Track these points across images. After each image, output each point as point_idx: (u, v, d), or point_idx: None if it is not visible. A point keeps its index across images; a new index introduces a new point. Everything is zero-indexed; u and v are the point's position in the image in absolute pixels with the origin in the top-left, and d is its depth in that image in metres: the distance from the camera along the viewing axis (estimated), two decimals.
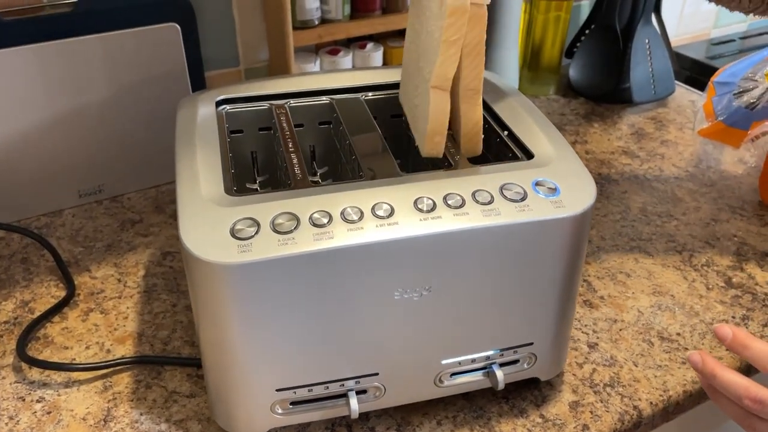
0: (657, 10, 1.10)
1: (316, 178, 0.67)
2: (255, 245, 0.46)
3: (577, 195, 0.51)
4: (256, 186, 0.66)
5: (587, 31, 1.14)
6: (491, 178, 0.52)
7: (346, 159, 0.61)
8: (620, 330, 0.68)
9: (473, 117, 0.55)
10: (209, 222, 0.47)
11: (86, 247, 0.78)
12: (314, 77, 0.69)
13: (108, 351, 0.65)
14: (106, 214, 0.83)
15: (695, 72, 1.29)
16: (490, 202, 0.50)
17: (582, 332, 0.67)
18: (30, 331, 0.65)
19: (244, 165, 0.67)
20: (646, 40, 1.07)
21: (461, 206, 0.49)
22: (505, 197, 0.50)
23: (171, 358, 0.63)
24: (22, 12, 0.76)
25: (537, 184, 0.51)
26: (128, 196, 0.87)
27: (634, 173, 0.93)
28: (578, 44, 1.16)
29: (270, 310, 0.48)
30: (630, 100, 1.09)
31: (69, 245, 0.78)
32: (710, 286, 0.73)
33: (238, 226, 0.47)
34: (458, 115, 0.55)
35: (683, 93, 1.15)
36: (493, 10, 1.05)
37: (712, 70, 1.27)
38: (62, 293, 0.71)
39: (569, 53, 1.17)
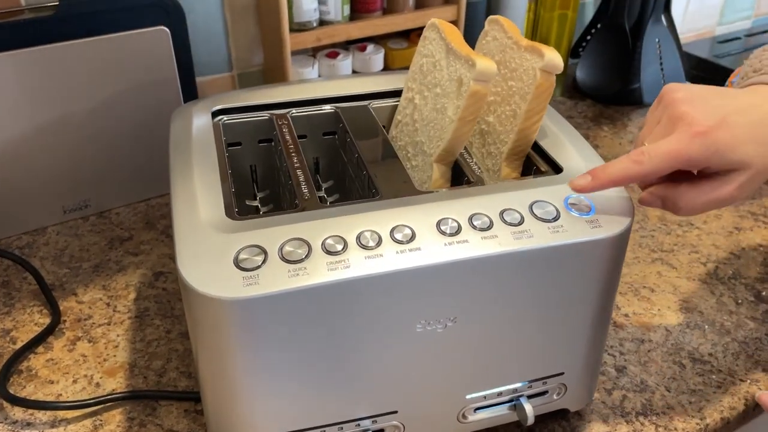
0: (667, 8, 1.06)
1: (321, 193, 0.62)
2: (262, 277, 0.41)
3: (614, 213, 0.47)
4: (256, 203, 0.61)
5: (593, 31, 1.10)
6: (519, 195, 0.47)
7: (355, 173, 0.56)
8: (649, 351, 0.63)
9: (512, 176, 0.54)
10: (210, 251, 0.42)
11: (72, 268, 0.72)
12: (316, 84, 0.64)
13: (97, 385, 0.59)
14: (93, 232, 0.78)
15: (701, 71, 1.25)
16: (520, 223, 0.45)
17: (609, 354, 0.63)
18: (12, 365, 0.60)
19: (242, 180, 0.62)
20: (657, 40, 1.03)
21: (489, 228, 0.44)
22: (536, 217, 0.45)
23: (166, 393, 0.58)
24: None
25: (570, 201, 0.47)
26: (116, 211, 0.81)
27: None
28: (584, 44, 1.11)
29: (279, 347, 0.43)
30: (640, 102, 1.04)
31: (53, 266, 0.73)
32: (739, 301, 0.69)
33: (243, 255, 0.42)
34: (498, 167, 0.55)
35: None
36: (497, 7, 1.01)
37: (719, 68, 1.24)
38: (46, 320, 0.66)
39: (575, 53, 1.13)
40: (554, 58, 0.49)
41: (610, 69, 1.06)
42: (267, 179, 0.62)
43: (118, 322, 0.66)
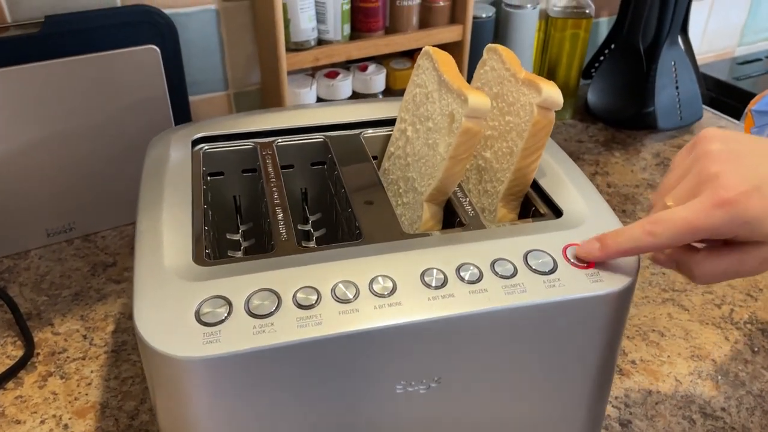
0: (684, 29, 1.01)
1: (308, 227, 0.58)
2: (225, 333, 0.37)
3: (617, 264, 0.43)
4: (238, 237, 0.57)
5: (607, 51, 1.06)
6: (513, 243, 0.43)
7: (342, 208, 0.53)
8: (656, 403, 0.59)
9: (509, 218, 0.51)
10: (170, 302, 0.39)
11: (51, 295, 0.69)
12: (307, 111, 0.61)
13: (65, 427, 0.56)
14: (77, 256, 0.75)
15: (720, 94, 1.20)
16: (512, 275, 0.41)
17: (612, 406, 0.58)
18: None
19: (225, 212, 0.58)
20: (672, 62, 0.99)
21: (478, 281, 0.41)
22: (530, 268, 0.42)
23: None
24: None
25: (569, 250, 0.43)
26: (102, 234, 0.78)
27: None
28: (597, 65, 1.07)
29: (242, 409, 0.39)
30: (654, 126, 1.00)
31: (32, 293, 0.69)
32: (756, 349, 0.64)
33: (205, 309, 0.38)
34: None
35: (710, 118, 1.06)
36: (505, 27, 0.97)
37: (739, 92, 1.19)
38: (19, 352, 0.63)
39: (587, 74, 1.09)
40: (552, 93, 0.45)
41: (624, 92, 1.01)
42: (251, 211, 0.59)
43: (93, 357, 0.62)
